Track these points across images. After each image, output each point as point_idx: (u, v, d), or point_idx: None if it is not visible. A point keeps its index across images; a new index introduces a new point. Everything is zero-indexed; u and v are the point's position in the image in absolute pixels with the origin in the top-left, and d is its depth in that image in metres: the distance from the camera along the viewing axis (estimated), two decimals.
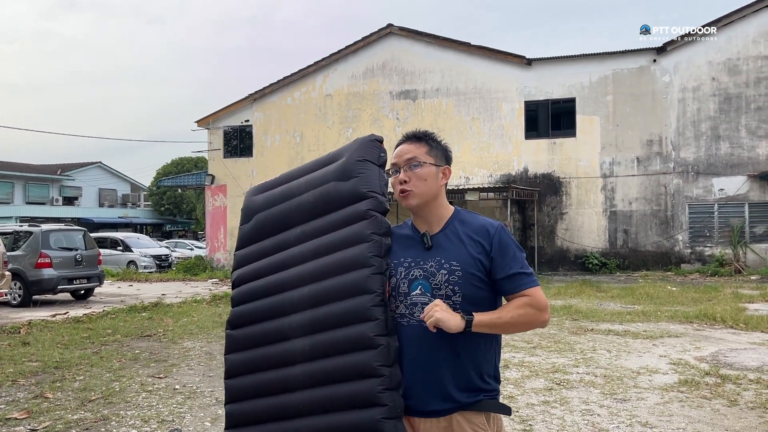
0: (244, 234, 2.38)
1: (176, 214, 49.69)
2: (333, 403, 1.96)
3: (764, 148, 18.26)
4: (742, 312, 9.90)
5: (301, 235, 2.18)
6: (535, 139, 20.29)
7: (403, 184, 2.04)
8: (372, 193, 2.05)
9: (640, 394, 5.43)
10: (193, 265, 22.77)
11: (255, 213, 2.34)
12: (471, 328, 1.88)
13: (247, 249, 2.35)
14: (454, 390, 1.95)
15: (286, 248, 2.21)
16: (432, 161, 2.06)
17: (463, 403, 1.96)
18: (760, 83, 18.35)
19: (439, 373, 1.95)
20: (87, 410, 5.22)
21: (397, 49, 21.62)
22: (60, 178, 43.80)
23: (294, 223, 2.22)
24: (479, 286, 1.97)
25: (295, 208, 2.22)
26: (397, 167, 2.08)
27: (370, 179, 2.08)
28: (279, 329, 2.11)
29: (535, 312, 1.93)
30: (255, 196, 2.40)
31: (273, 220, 2.27)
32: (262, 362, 2.14)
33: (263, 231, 2.30)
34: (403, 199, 2.05)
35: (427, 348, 1.95)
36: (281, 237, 2.24)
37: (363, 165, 2.10)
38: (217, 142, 23.82)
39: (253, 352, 2.18)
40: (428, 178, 2.05)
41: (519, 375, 6.15)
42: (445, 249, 2.01)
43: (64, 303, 13.79)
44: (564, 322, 9.48)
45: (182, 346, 8.12)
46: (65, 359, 7.23)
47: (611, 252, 19.45)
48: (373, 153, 2.13)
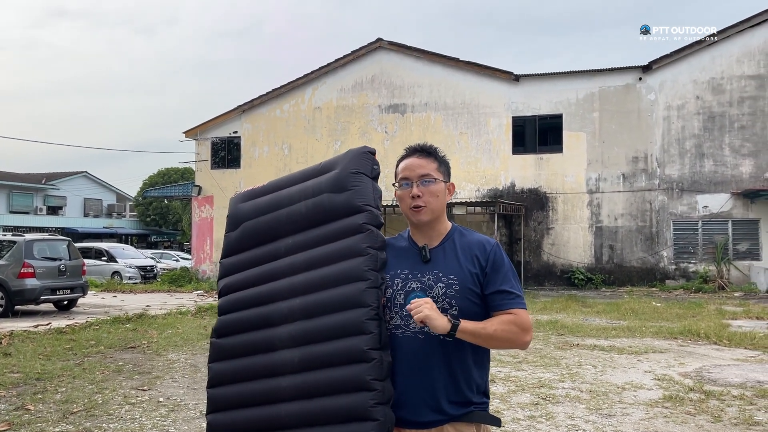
0: (230, 242, 2.34)
1: (162, 225, 49.37)
2: (322, 415, 1.94)
3: (747, 167, 18.53)
4: (726, 328, 9.98)
5: (292, 245, 2.16)
6: (523, 155, 20.44)
7: (416, 198, 2.04)
8: (367, 206, 2.04)
9: (625, 409, 5.45)
10: (178, 277, 22.59)
11: (242, 221, 2.30)
12: (455, 332, 1.88)
13: (234, 258, 2.31)
14: (445, 402, 1.97)
15: (275, 258, 2.19)
16: (442, 178, 2.09)
17: (455, 415, 1.97)
18: (743, 102, 18.65)
19: (432, 385, 1.96)
20: (69, 423, 5.15)
21: (387, 63, 21.75)
22: (45, 188, 43.41)
23: (284, 233, 2.19)
24: (475, 301, 1.99)
25: (285, 217, 2.19)
26: (409, 181, 2.06)
27: (365, 192, 2.07)
28: (267, 340, 2.09)
29: (518, 331, 1.94)
30: (241, 203, 2.36)
31: (262, 229, 2.24)
32: (248, 372, 2.11)
33: (251, 240, 2.27)
34: (415, 214, 2.05)
35: (420, 359, 1.97)
36: (270, 247, 2.22)
37: (357, 177, 2.08)
38: (205, 153, 23.76)
39: (238, 361, 2.15)
40: (440, 195, 2.07)
41: (505, 390, 6.15)
42: (442, 263, 2.03)
43: (46, 314, 13.62)
44: (550, 337, 9.51)
45: (166, 358, 8.04)
46: (47, 371, 7.13)
47: (597, 267, 19.58)
48: (367, 165, 2.12)
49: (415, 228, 2.12)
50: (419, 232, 2.10)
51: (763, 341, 8.76)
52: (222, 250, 2.38)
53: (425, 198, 2.04)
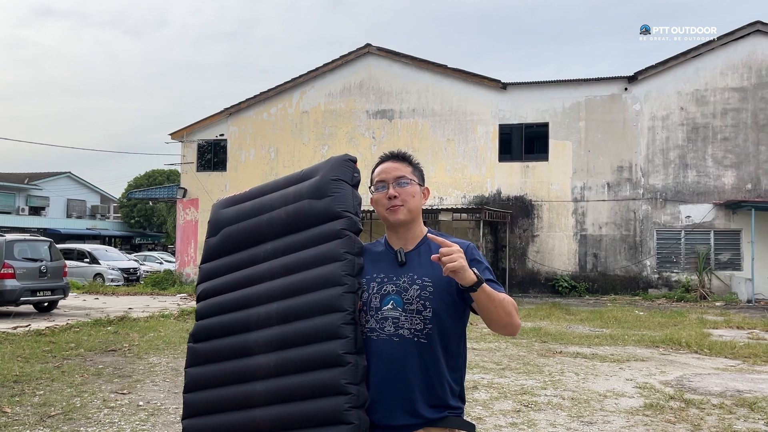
0: (210, 247, 2.34)
1: (146, 227, 49.01)
2: (297, 419, 1.94)
3: (730, 178, 18.75)
4: (707, 337, 10.07)
5: (272, 250, 2.17)
6: (509, 162, 20.53)
7: (393, 199, 2.06)
8: (346, 212, 2.06)
9: (606, 417, 5.48)
10: (161, 279, 22.42)
11: (223, 226, 2.31)
12: (477, 288, 1.83)
13: (214, 263, 2.31)
14: (420, 406, 1.96)
15: (254, 263, 2.19)
16: (417, 181, 2.13)
17: (429, 419, 1.97)
18: (726, 114, 18.88)
19: (407, 388, 1.96)
20: (46, 426, 5.08)
21: (375, 69, 21.78)
22: (27, 188, 42.93)
23: (264, 238, 2.20)
24: (449, 303, 1.99)
25: (266, 223, 2.20)
26: (385, 183, 2.09)
27: (344, 199, 2.09)
28: (243, 344, 2.09)
29: (512, 307, 1.94)
30: (223, 209, 2.37)
31: (242, 234, 2.25)
32: (224, 377, 2.11)
33: (231, 245, 2.27)
34: (393, 213, 2.07)
35: (396, 363, 1.97)
36: (250, 252, 2.22)
37: (337, 184, 2.11)
38: (191, 156, 23.62)
39: (215, 366, 2.15)
40: (416, 195, 2.10)
41: (488, 396, 6.16)
42: (417, 265, 2.04)
43: (26, 315, 13.44)
44: (533, 344, 9.54)
45: (148, 362, 7.96)
46: (25, 373, 7.03)
47: (581, 275, 19.69)
48: (347, 173, 2.14)
49: (391, 231, 2.13)
50: (395, 235, 2.12)
51: (743, 351, 8.85)
52: (202, 255, 2.38)
53: (402, 197, 2.06)
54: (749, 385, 6.76)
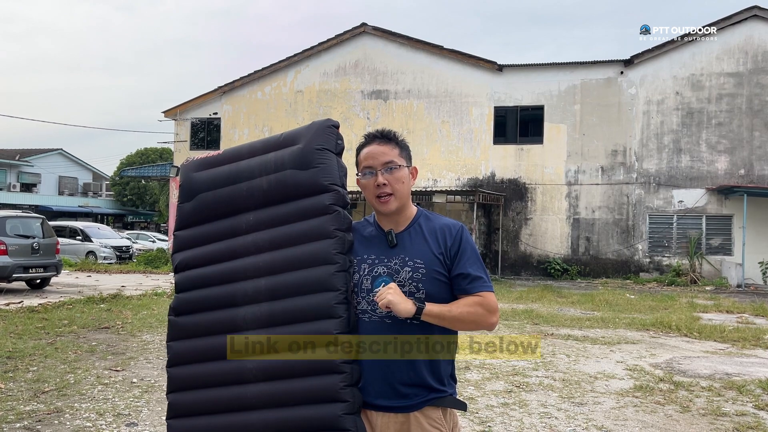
0: (184, 213, 2.22)
1: (139, 206, 48.78)
2: (290, 397, 1.93)
3: (723, 163, 18.80)
4: (697, 321, 10.17)
5: (254, 222, 2.08)
6: (503, 145, 20.52)
7: (382, 187, 2.01)
8: (333, 185, 2.00)
9: (596, 398, 5.54)
10: (154, 258, 22.36)
11: (197, 192, 2.19)
12: (420, 316, 1.90)
13: (190, 230, 2.21)
14: (412, 386, 1.98)
15: (235, 234, 2.11)
16: (405, 163, 2.07)
17: (422, 399, 1.98)
18: (721, 99, 18.89)
19: (400, 369, 1.97)
20: (40, 402, 5.09)
21: (370, 49, 21.62)
22: (18, 164, 42.57)
23: (244, 208, 2.10)
24: (443, 283, 2.00)
25: (246, 192, 2.09)
26: (373, 169, 2.03)
27: (331, 170, 2.01)
28: (230, 320, 2.03)
29: (484, 312, 1.95)
30: (195, 172, 2.24)
31: (220, 202, 2.14)
32: (211, 352, 2.05)
33: (207, 213, 2.17)
34: (383, 205, 2.02)
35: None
36: (230, 222, 2.12)
37: (322, 154, 2.02)
38: (184, 134, 23.48)
39: (200, 341, 2.09)
40: (405, 180, 2.05)
41: (480, 377, 6.21)
42: (409, 247, 2.02)
43: (18, 292, 13.41)
44: (525, 326, 9.61)
45: (141, 339, 7.98)
46: (18, 349, 7.03)
47: (573, 258, 19.79)
48: (331, 141, 2.05)
49: (383, 214, 2.09)
50: (386, 217, 2.08)
51: (732, 334, 8.94)
52: (176, 221, 2.25)
53: (391, 185, 2.01)
54: (738, 368, 6.84)
